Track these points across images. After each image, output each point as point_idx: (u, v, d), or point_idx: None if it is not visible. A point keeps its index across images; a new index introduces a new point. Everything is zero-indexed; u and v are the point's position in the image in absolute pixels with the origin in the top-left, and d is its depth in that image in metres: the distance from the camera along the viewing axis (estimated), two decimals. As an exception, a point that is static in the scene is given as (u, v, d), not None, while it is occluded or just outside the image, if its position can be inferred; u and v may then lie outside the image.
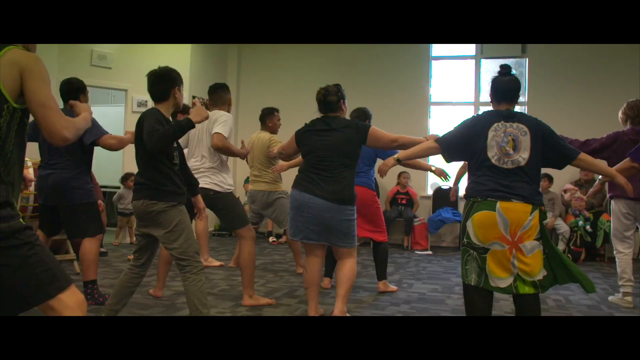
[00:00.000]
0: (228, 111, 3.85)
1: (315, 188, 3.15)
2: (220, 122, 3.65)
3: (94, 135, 3.59)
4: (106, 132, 3.59)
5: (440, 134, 2.98)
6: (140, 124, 2.76)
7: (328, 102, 3.29)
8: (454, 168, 3.52)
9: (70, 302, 1.76)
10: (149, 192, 2.76)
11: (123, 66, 6.81)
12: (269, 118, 4.95)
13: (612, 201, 4.03)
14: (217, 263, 5.29)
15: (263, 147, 4.79)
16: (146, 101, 6.78)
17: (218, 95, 3.86)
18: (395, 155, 3.02)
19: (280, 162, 4.50)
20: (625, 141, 3.90)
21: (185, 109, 4.16)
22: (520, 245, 2.69)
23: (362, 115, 4.14)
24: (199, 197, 3.16)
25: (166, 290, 4.08)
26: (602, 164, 2.94)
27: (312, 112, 3.41)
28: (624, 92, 5.75)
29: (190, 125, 2.74)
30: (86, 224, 3.64)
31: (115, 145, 3.60)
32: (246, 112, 8.07)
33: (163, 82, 2.86)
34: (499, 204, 2.68)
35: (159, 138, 2.65)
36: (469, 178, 2.89)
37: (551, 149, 2.81)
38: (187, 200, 3.49)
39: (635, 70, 6.79)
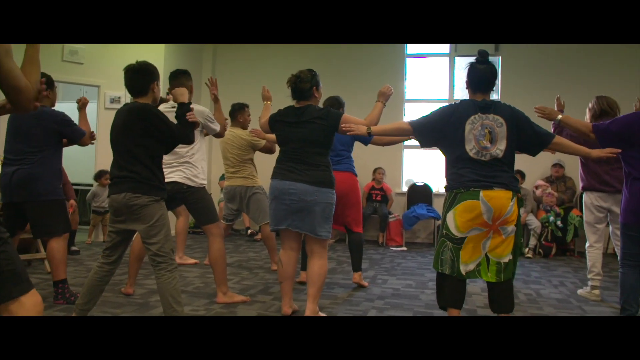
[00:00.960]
0: (190, 99, 3.81)
1: (295, 175, 3.14)
2: (212, 121, 3.78)
3: (80, 134, 3.60)
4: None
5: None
6: (136, 118, 2.74)
7: (300, 89, 3.23)
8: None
9: (29, 305, 1.73)
10: (133, 185, 2.72)
11: (95, 62, 6.70)
12: (239, 113, 4.95)
13: (584, 194, 4.09)
14: (192, 261, 5.26)
15: (241, 143, 4.80)
16: (119, 97, 6.70)
17: (179, 82, 3.74)
18: (368, 127, 3.08)
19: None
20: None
21: (162, 101, 4.10)
22: (500, 227, 2.77)
23: (336, 103, 4.13)
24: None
25: (139, 288, 4.04)
26: (576, 144, 3.00)
27: (287, 111, 3.40)
28: (593, 90, 5.85)
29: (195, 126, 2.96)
30: (52, 222, 3.56)
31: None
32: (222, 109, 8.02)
33: (142, 76, 2.85)
34: (482, 193, 2.75)
35: (188, 134, 2.87)
36: (448, 170, 2.93)
37: (526, 135, 2.88)
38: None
39: (604, 69, 6.97)
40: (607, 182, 3.88)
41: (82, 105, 3.96)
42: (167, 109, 3.60)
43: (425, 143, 3.00)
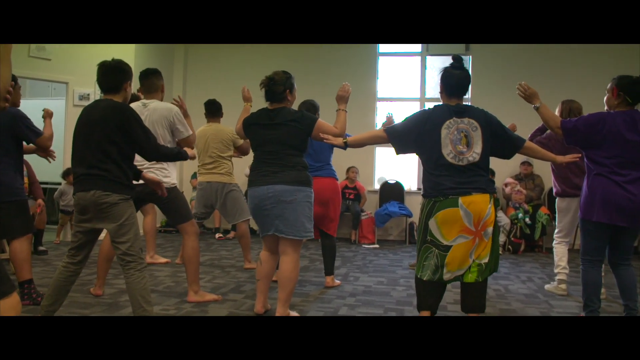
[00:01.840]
0: (161, 99, 3.77)
1: (271, 178, 3.10)
2: (179, 121, 3.64)
3: (36, 134, 3.52)
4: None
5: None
6: (115, 115, 2.71)
7: (273, 91, 3.19)
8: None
9: (7, 308, 1.70)
10: (103, 183, 2.68)
11: (63, 58, 6.57)
12: (221, 110, 5.08)
13: (558, 199, 4.21)
14: (163, 260, 5.21)
15: (225, 137, 4.84)
16: (88, 94, 6.58)
17: (150, 82, 3.73)
18: (343, 139, 3.15)
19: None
20: (557, 140, 4.07)
21: (134, 98, 4.04)
22: (482, 232, 2.82)
23: (311, 108, 4.13)
24: (145, 175, 3.20)
25: (109, 288, 3.99)
26: (544, 150, 3.20)
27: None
28: (561, 90, 5.98)
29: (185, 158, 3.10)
30: (13, 223, 3.46)
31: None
32: (193, 110, 7.94)
33: (116, 74, 2.83)
34: (460, 199, 2.79)
35: (161, 156, 2.99)
36: (426, 177, 2.95)
37: (500, 139, 2.94)
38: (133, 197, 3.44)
39: (571, 69, 7.12)
40: (577, 185, 3.98)
41: (46, 115, 3.90)
42: (138, 107, 3.58)
43: (401, 150, 3.04)
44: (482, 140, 2.86)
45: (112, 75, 2.82)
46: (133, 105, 3.64)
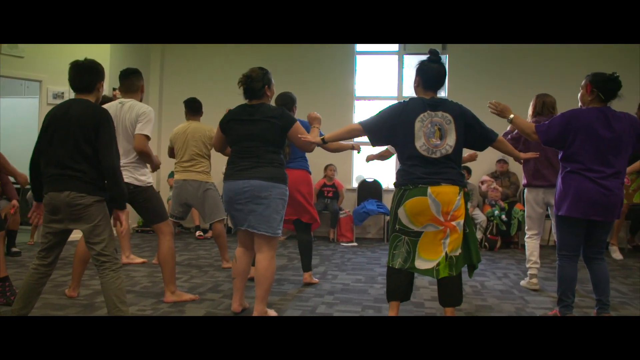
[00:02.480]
0: (141, 99, 3.73)
1: (247, 173, 3.10)
2: (145, 119, 3.56)
3: None
4: None
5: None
6: (94, 116, 2.69)
7: (252, 88, 3.20)
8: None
9: None
10: (77, 184, 2.65)
11: (37, 56, 6.46)
12: (201, 109, 5.07)
13: (526, 189, 4.31)
14: (140, 260, 5.16)
15: (203, 136, 4.83)
16: (63, 93, 6.48)
17: (130, 82, 3.70)
18: (322, 136, 3.19)
19: None
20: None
21: (105, 100, 4.00)
22: (454, 222, 2.90)
23: (289, 100, 4.12)
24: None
25: (84, 289, 3.94)
26: (511, 147, 3.38)
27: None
28: (536, 87, 6.05)
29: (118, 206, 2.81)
30: None
31: None
32: (169, 110, 7.91)
33: (90, 74, 2.81)
34: (429, 189, 2.86)
35: (111, 172, 2.69)
36: (399, 167, 3.03)
37: (474, 132, 3.02)
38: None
39: (545, 66, 7.23)
40: (544, 176, 4.10)
41: None
42: (115, 106, 3.57)
43: (376, 142, 3.09)
44: (456, 133, 2.93)
45: (85, 75, 2.80)
46: (110, 104, 3.62)
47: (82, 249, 3.67)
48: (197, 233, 7.19)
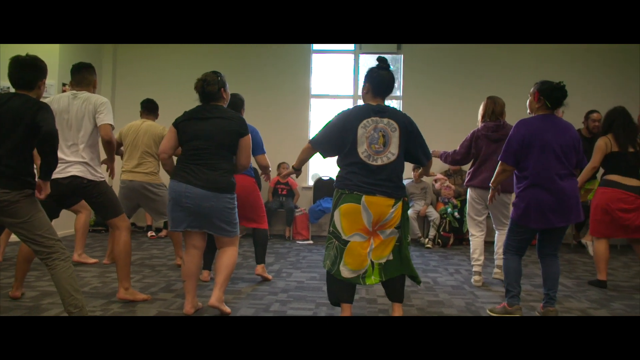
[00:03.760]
0: (94, 93, 3.66)
1: (193, 178, 3.11)
2: (106, 109, 3.52)
3: None
4: None
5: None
6: (36, 112, 2.61)
7: (208, 92, 3.22)
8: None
9: None
10: (3, 180, 2.58)
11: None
12: (157, 109, 5.05)
13: (469, 189, 4.42)
14: (92, 260, 5.02)
15: (155, 135, 4.77)
16: (8, 87, 6.25)
17: (82, 76, 3.61)
18: (292, 165, 3.32)
19: None
20: (479, 136, 4.27)
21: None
22: (379, 231, 2.95)
23: (238, 102, 4.09)
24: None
25: (31, 291, 3.81)
26: (430, 170, 3.46)
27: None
28: (488, 88, 6.19)
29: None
30: None
31: None
32: (123, 112, 7.72)
33: (32, 71, 2.75)
34: (364, 198, 2.90)
35: (52, 148, 2.62)
36: (339, 170, 3.06)
37: (415, 146, 3.06)
38: (59, 193, 3.30)
39: (497, 67, 7.39)
40: (484, 179, 4.19)
41: None
42: (67, 98, 3.51)
43: (327, 154, 3.12)
44: (400, 142, 2.96)
45: (27, 71, 2.74)
46: (61, 95, 3.54)
47: (25, 247, 3.55)
48: (150, 233, 7.04)
